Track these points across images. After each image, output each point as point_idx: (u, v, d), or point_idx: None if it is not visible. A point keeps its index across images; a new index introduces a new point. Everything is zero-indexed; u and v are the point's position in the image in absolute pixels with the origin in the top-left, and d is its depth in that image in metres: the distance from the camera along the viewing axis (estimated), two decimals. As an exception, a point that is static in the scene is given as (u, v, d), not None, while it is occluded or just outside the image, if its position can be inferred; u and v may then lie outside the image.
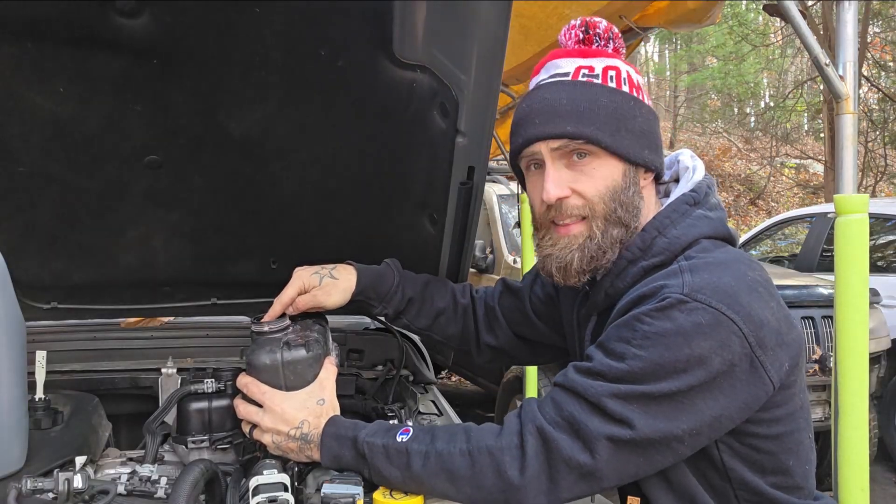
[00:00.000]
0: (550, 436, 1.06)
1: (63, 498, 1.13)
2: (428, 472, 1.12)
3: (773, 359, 1.06)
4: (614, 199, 1.17)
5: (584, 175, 1.17)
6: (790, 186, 14.72)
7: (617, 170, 1.17)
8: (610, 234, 1.17)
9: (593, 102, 1.15)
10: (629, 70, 1.20)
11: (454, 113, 1.37)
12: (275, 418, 1.22)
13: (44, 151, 1.41)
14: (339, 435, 1.20)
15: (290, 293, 1.41)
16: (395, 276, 1.51)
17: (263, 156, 1.51)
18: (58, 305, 1.76)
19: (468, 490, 1.10)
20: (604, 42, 1.20)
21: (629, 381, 1.04)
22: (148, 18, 1.16)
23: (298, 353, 1.27)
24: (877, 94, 12.81)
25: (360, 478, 1.18)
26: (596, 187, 1.16)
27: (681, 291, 1.05)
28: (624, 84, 1.18)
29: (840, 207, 1.75)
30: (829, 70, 1.63)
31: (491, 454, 1.09)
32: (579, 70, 1.19)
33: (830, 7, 9.64)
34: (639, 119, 1.17)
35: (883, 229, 5.79)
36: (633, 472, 1.08)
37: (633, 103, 1.18)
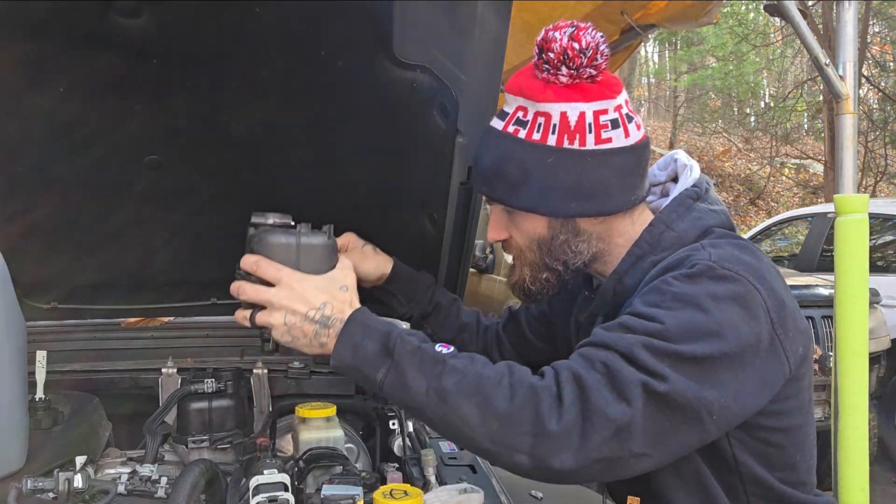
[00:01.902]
0: (587, 383, 0.98)
1: (63, 498, 1.13)
2: (459, 392, 0.99)
3: (790, 341, 1.06)
4: (541, 249, 1.18)
5: (514, 225, 1.20)
6: (790, 186, 14.72)
7: (540, 224, 1.17)
8: (539, 278, 1.21)
9: (507, 163, 1.15)
10: (567, 110, 1.11)
11: (454, 113, 1.37)
12: (291, 296, 1.08)
13: (44, 151, 1.41)
14: (368, 324, 1.06)
15: (341, 240, 1.44)
16: (428, 278, 1.55)
17: (263, 156, 1.51)
18: (58, 305, 1.76)
19: (494, 424, 0.98)
20: (553, 69, 1.10)
21: (660, 338, 0.99)
22: (148, 18, 1.16)
23: (318, 238, 1.14)
24: (877, 95, 12.81)
25: (359, 478, 1.18)
26: (522, 238, 1.20)
27: (709, 259, 1.05)
28: (552, 133, 1.11)
29: (840, 207, 1.75)
30: (829, 70, 1.63)
31: (533, 392, 0.99)
32: (516, 113, 1.15)
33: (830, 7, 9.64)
34: (559, 175, 1.12)
35: (883, 229, 5.79)
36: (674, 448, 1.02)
37: (552, 159, 1.11)
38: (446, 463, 1.42)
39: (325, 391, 1.84)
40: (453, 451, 1.50)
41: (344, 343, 1.05)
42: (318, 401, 1.55)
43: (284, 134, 1.46)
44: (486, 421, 0.98)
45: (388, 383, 1.02)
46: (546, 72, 1.11)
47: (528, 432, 0.97)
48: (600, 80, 1.13)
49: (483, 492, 1.24)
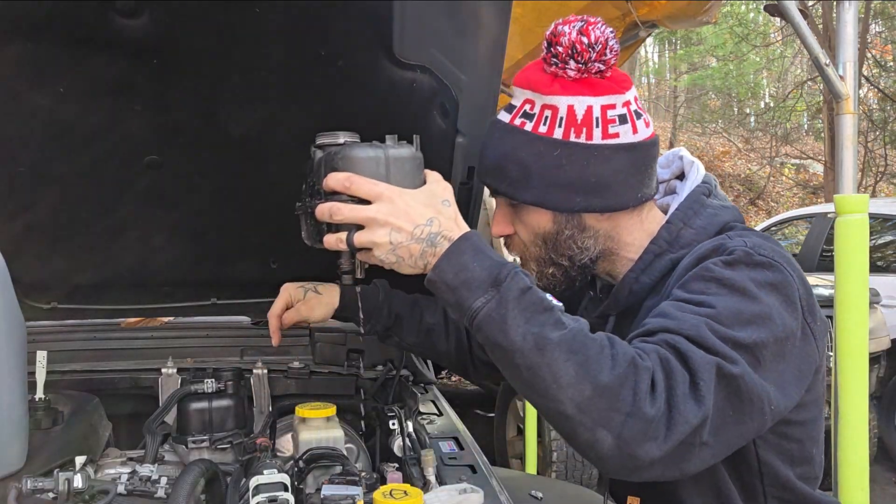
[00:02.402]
0: (673, 370, 0.92)
1: (63, 498, 1.13)
2: (561, 345, 0.91)
3: (818, 331, 1.05)
4: (545, 244, 1.17)
5: (519, 220, 1.19)
6: (790, 186, 14.72)
7: (545, 218, 1.16)
8: (545, 273, 1.20)
9: (511, 156, 1.13)
10: (574, 103, 1.10)
11: (454, 113, 1.37)
12: (395, 211, 0.97)
13: (44, 151, 1.41)
14: (480, 248, 0.97)
15: (279, 305, 1.46)
16: (380, 293, 1.52)
17: (263, 156, 1.51)
18: (58, 305, 1.76)
19: (587, 390, 0.89)
20: (561, 63, 1.09)
21: (717, 322, 0.96)
22: (148, 18, 1.16)
23: (406, 150, 1.05)
24: (877, 95, 12.81)
25: (359, 478, 1.18)
26: (527, 233, 1.18)
27: (745, 246, 1.04)
28: (558, 126, 1.10)
29: (840, 207, 1.75)
30: (829, 70, 1.63)
31: (636, 369, 0.90)
32: (523, 106, 1.14)
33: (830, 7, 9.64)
34: (565, 169, 1.11)
35: (883, 229, 5.79)
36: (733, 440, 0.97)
37: (558, 152, 1.10)
38: (446, 463, 1.42)
39: (325, 391, 1.84)
40: (453, 451, 1.50)
41: (449, 260, 0.96)
42: (318, 401, 1.55)
43: (284, 134, 1.46)
44: (579, 384, 0.89)
45: (483, 313, 0.93)
46: (554, 65, 1.10)
47: (621, 410, 0.88)
48: (609, 76, 1.12)
49: (483, 492, 1.23)
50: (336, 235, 1.01)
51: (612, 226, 1.17)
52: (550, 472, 3.84)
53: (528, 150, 1.12)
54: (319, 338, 1.91)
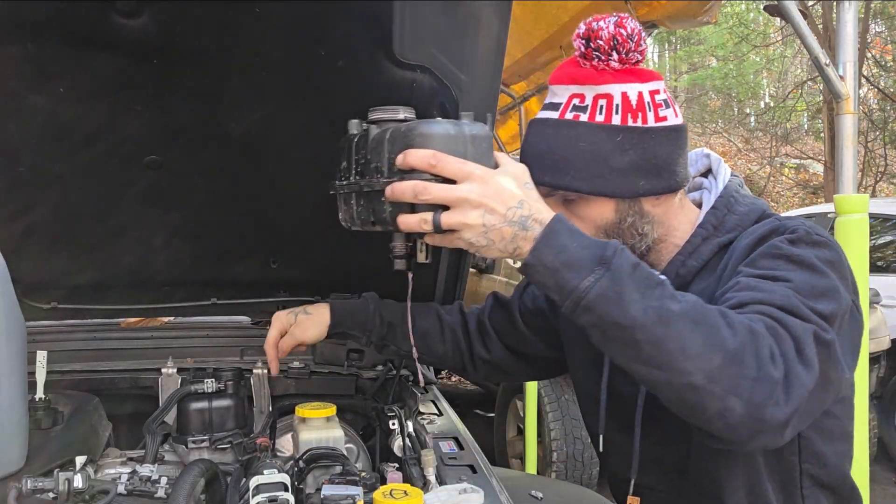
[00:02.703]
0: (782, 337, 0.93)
1: (63, 498, 1.13)
2: (685, 316, 0.90)
3: (859, 309, 1.09)
4: (608, 236, 1.17)
5: (577, 217, 1.18)
6: (790, 186, 14.71)
7: (607, 207, 1.17)
8: None
9: (572, 148, 1.14)
10: (626, 90, 1.14)
11: (454, 113, 1.37)
12: (488, 192, 0.94)
13: (44, 151, 1.41)
14: (574, 229, 0.97)
15: (273, 334, 1.47)
16: (369, 304, 1.53)
17: (263, 156, 1.51)
18: (58, 305, 1.76)
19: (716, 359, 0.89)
20: (605, 56, 1.13)
21: (797, 293, 0.97)
22: (148, 18, 1.16)
23: (481, 128, 1.01)
24: (877, 95, 12.81)
25: (359, 478, 1.18)
26: (587, 229, 1.16)
27: (803, 226, 1.07)
28: (616, 113, 1.13)
29: (840, 207, 1.75)
30: (829, 70, 1.63)
31: (754, 335, 0.91)
32: (570, 101, 1.16)
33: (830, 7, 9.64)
34: (628, 153, 1.13)
35: (883, 229, 5.79)
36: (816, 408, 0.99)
37: (620, 137, 1.13)
38: (446, 463, 1.42)
39: (325, 391, 1.84)
40: (453, 451, 1.50)
41: (548, 242, 0.94)
42: (318, 401, 1.55)
43: (284, 134, 1.46)
44: (709, 353, 0.88)
45: (595, 292, 0.90)
46: (597, 59, 1.13)
47: (749, 376, 0.88)
48: (641, 66, 1.17)
49: (483, 492, 1.23)
50: (419, 216, 0.96)
51: (663, 211, 1.20)
52: (550, 472, 3.84)
53: (590, 140, 1.13)
54: (319, 338, 1.92)
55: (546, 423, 3.87)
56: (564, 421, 3.86)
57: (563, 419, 3.86)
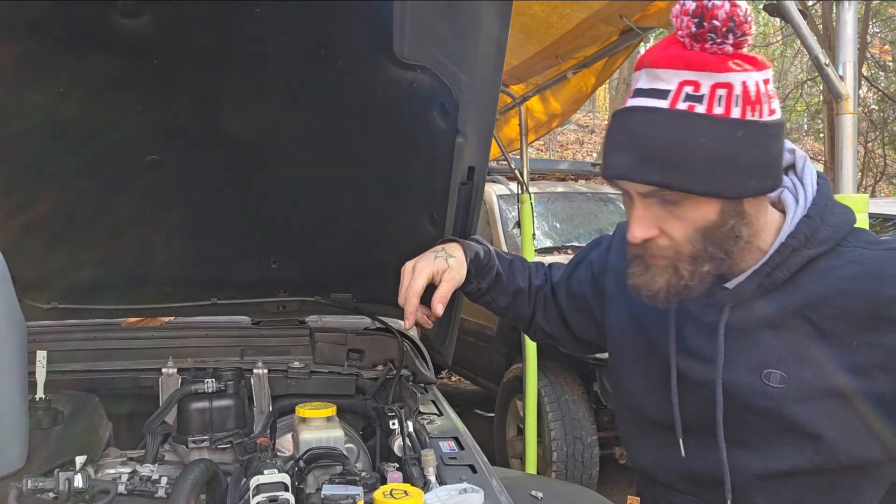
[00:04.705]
0: None
1: (63, 497, 1.14)
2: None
3: None
4: (705, 239, 1.07)
5: (674, 217, 1.07)
6: (790, 186, 14.70)
7: (712, 209, 1.06)
8: (699, 272, 1.09)
9: (689, 143, 1.02)
10: (746, 80, 1.02)
11: (454, 113, 1.37)
12: None
13: (44, 151, 1.41)
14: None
15: (420, 283, 1.34)
16: (489, 250, 1.46)
17: (263, 156, 1.51)
18: (58, 305, 1.76)
19: None
20: (720, 38, 1.00)
21: None
22: (148, 18, 1.16)
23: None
24: (876, 95, 12.80)
25: (359, 478, 1.18)
26: (685, 230, 1.07)
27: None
28: (735, 105, 1.02)
29: (840, 207, 1.74)
30: (829, 70, 1.63)
31: None
32: (682, 88, 1.03)
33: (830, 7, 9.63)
34: (746, 150, 1.03)
35: (883, 229, 5.78)
36: None
37: (741, 133, 1.02)
38: (446, 463, 1.42)
39: (325, 391, 1.84)
40: (453, 451, 1.50)
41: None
42: (318, 401, 1.56)
43: (284, 134, 1.46)
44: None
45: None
46: (711, 41, 1.01)
47: None
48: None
49: (483, 492, 1.24)
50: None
51: (756, 210, 1.10)
52: (550, 472, 3.84)
53: (710, 135, 1.01)
54: (319, 338, 1.92)
55: (546, 423, 3.86)
56: (564, 421, 3.86)
57: (563, 419, 3.86)
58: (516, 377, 4.18)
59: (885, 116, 12.60)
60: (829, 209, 1.12)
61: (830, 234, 1.10)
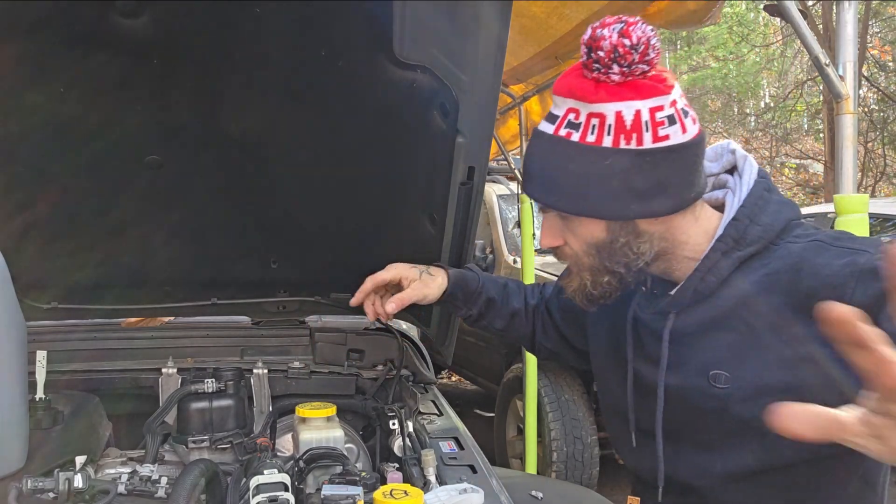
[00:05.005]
0: None
1: (63, 497, 1.14)
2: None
3: None
4: (599, 253, 1.14)
5: (570, 231, 1.16)
6: (790, 186, 14.71)
7: (598, 228, 1.13)
8: (600, 282, 1.17)
9: (561, 168, 1.10)
10: (622, 109, 1.06)
11: (454, 113, 1.37)
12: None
13: (43, 151, 1.41)
14: None
15: (385, 275, 1.47)
16: (478, 278, 1.53)
17: (263, 156, 1.51)
18: (58, 305, 1.76)
19: None
20: (605, 68, 1.05)
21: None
22: (148, 18, 1.16)
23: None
24: (876, 95, 12.80)
25: (359, 478, 1.18)
26: (580, 244, 1.16)
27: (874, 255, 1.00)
28: (607, 134, 1.07)
29: (840, 207, 1.75)
30: (829, 70, 1.63)
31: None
32: (567, 115, 1.10)
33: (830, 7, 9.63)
34: (618, 176, 1.08)
35: (883, 229, 5.79)
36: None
37: (610, 161, 1.07)
38: (446, 463, 1.42)
39: (325, 391, 1.84)
40: (453, 451, 1.50)
41: None
42: (318, 401, 1.56)
43: (284, 134, 1.46)
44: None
45: None
46: (597, 71, 1.06)
47: None
48: (653, 76, 1.09)
49: (483, 492, 1.24)
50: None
51: (665, 227, 1.14)
52: (550, 472, 3.84)
53: (578, 162, 1.09)
54: (319, 338, 1.92)
55: (546, 423, 3.86)
56: (564, 421, 3.86)
57: (563, 419, 3.86)
58: (516, 377, 4.18)
59: (885, 116, 12.60)
60: (760, 208, 1.14)
61: (761, 234, 1.12)
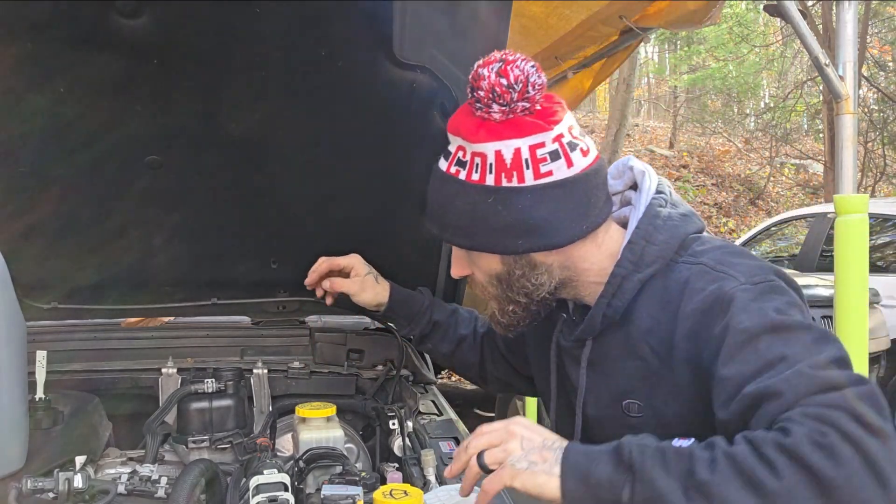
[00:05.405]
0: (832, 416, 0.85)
1: (63, 498, 1.14)
2: (720, 480, 0.85)
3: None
4: (500, 284, 1.17)
5: (472, 262, 1.19)
6: (790, 186, 14.70)
7: (493, 261, 1.15)
8: (507, 310, 1.19)
9: (449, 205, 1.13)
10: (501, 148, 1.07)
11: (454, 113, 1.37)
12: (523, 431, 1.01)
13: (44, 151, 1.41)
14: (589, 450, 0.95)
15: (339, 261, 1.53)
16: (425, 299, 1.56)
17: (263, 156, 1.51)
18: (58, 305, 1.76)
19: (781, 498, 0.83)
20: (485, 107, 1.06)
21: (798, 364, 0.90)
22: (148, 19, 1.16)
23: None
24: (876, 95, 12.80)
25: (359, 478, 1.18)
26: (481, 275, 1.19)
27: (739, 283, 1.02)
28: (489, 172, 1.07)
29: (840, 207, 1.75)
30: (828, 70, 1.63)
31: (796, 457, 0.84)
32: (456, 153, 1.12)
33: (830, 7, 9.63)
34: (502, 214, 1.08)
35: (883, 229, 5.79)
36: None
37: (493, 198, 1.08)
38: (446, 463, 1.42)
39: (325, 391, 1.84)
40: (453, 451, 1.50)
41: (571, 474, 0.92)
42: (318, 401, 1.55)
43: (284, 134, 1.46)
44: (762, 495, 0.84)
45: (637, 499, 0.88)
46: (479, 110, 1.07)
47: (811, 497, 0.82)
48: (537, 112, 1.08)
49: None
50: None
51: (564, 258, 1.14)
52: (550, 472, 3.84)
53: (465, 199, 1.11)
54: (319, 338, 1.92)
55: (546, 423, 3.86)
56: (564, 421, 3.86)
57: (563, 419, 3.86)
58: (516, 377, 4.18)
59: (885, 116, 12.60)
60: (655, 227, 1.13)
61: (659, 253, 1.11)
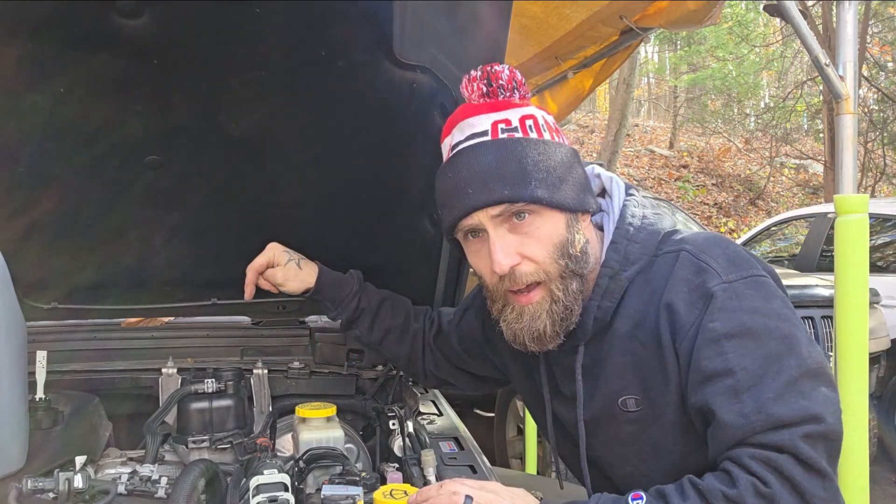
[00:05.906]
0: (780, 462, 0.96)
1: (63, 498, 1.14)
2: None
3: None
4: (564, 255, 1.11)
5: (529, 237, 1.11)
6: (790, 186, 14.71)
7: (560, 223, 1.12)
8: (571, 290, 1.13)
9: (523, 160, 1.09)
10: (543, 114, 1.16)
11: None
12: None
13: (44, 151, 1.41)
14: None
15: (260, 262, 1.52)
16: (354, 284, 1.55)
17: (263, 156, 1.51)
18: (58, 305, 1.76)
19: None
20: (508, 93, 1.14)
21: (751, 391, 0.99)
22: (148, 19, 1.16)
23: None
24: (876, 95, 12.80)
25: (359, 478, 1.18)
26: (544, 249, 1.11)
27: (721, 280, 1.06)
28: (544, 131, 1.13)
29: (840, 207, 1.75)
30: (829, 70, 1.63)
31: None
32: (496, 126, 1.12)
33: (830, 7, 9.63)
34: (569, 167, 1.13)
35: (883, 229, 5.78)
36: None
37: (560, 150, 1.13)
38: (446, 463, 1.42)
39: (325, 391, 1.84)
40: (453, 451, 1.50)
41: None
42: (318, 401, 1.56)
43: (284, 134, 1.46)
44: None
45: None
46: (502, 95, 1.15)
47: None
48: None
49: (483, 492, 1.23)
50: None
51: (589, 232, 1.18)
52: (550, 472, 3.84)
53: (538, 151, 1.11)
54: (319, 338, 1.92)
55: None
56: (564, 421, 3.86)
57: (563, 419, 3.86)
58: (516, 377, 4.17)
59: (885, 116, 12.59)
60: (634, 227, 1.17)
61: (642, 250, 1.15)
